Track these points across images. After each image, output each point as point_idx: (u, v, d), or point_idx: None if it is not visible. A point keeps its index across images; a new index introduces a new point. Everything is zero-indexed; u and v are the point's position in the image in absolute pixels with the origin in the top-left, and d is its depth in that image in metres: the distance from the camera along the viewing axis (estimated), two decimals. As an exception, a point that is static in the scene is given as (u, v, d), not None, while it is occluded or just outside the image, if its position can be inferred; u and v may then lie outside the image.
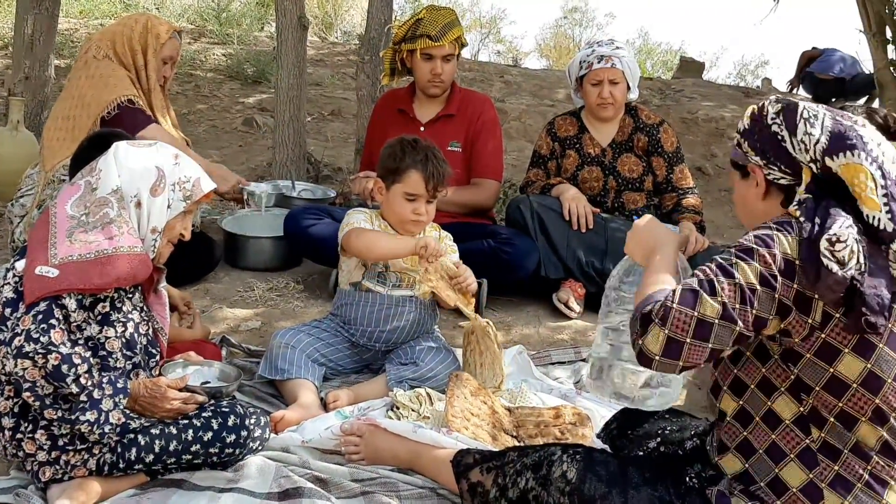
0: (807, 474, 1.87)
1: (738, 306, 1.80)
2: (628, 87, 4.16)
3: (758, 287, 1.80)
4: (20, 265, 2.32)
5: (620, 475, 1.99)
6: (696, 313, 1.80)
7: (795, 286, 1.81)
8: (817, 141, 1.88)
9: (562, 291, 4.00)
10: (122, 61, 3.93)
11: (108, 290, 2.33)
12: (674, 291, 1.84)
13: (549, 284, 4.03)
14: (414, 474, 2.51)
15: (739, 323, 1.80)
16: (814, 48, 9.44)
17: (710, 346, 1.80)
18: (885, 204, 1.84)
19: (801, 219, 1.85)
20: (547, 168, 4.30)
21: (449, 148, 4.16)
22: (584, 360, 3.49)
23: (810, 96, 8.97)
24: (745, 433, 1.94)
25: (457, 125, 4.21)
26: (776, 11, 7.23)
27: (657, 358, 1.82)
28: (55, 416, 2.26)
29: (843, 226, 1.80)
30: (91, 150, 2.56)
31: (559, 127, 4.32)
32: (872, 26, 6.11)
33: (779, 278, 1.80)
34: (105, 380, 2.29)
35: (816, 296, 1.80)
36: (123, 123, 3.76)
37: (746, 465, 1.94)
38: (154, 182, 2.43)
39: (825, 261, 1.77)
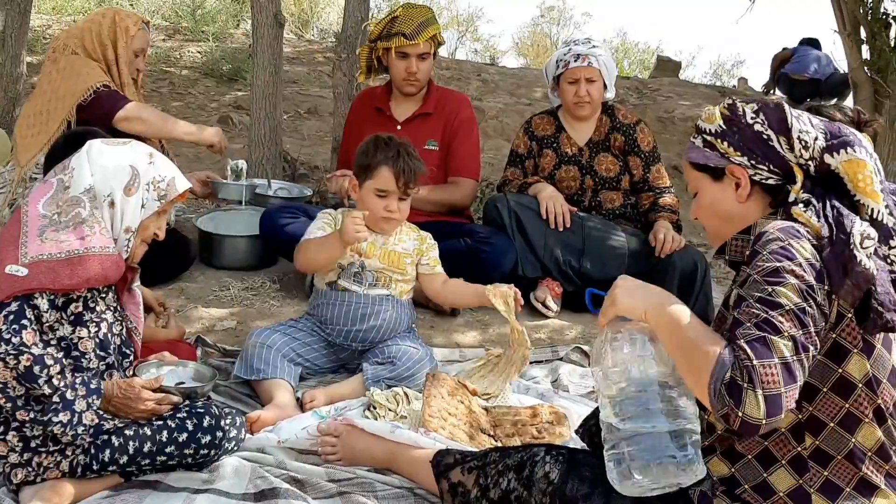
0: (796, 480, 1.85)
1: (801, 332, 1.68)
2: (605, 87, 4.17)
3: (805, 304, 1.69)
4: None
5: (603, 476, 1.98)
6: (776, 360, 1.64)
7: (826, 287, 1.74)
8: (815, 138, 1.86)
9: (539, 290, 4.00)
10: (91, 57, 3.90)
11: (78, 290, 2.31)
12: (740, 348, 1.67)
13: (527, 283, 4.03)
14: (391, 474, 2.50)
15: (811, 348, 1.69)
16: (784, 49, 9.48)
17: (797, 384, 1.66)
18: (883, 199, 1.84)
19: (814, 220, 1.79)
20: (524, 167, 4.30)
21: (426, 147, 4.15)
22: (560, 360, 3.49)
23: (786, 97, 9.02)
24: (734, 440, 1.90)
25: (434, 124, 4.20)
26: (752, 11, 7.28)
27: (764, 422, 1.63)
28: (27, 418, 2.23)
29: (864, 223, 1.78)
30: (66, 147, 2.53)
31: (536, 126, 4.32)
32: (847, 26, 6.16)
33: (815, 286, 1.72)
34: (78, 380, 2.27)
35: (835, 295, 1.75)
36: (102, 106, 3.75)
37: (733, 470, 1.91)
38: (128, 181, 2.39)
39: (859, 255, 1.72)
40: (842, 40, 6.46)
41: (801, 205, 1.84)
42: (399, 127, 4.19)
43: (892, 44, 5.95)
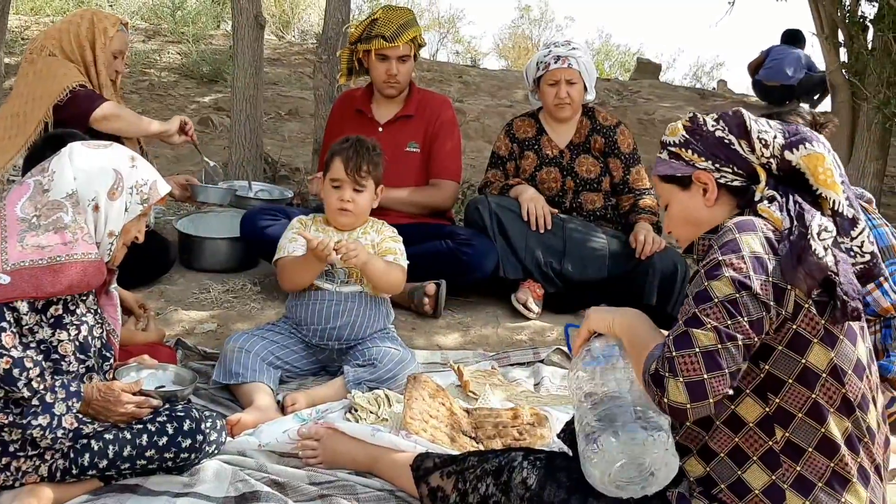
0: (769, 476, 1.88)
1: (729, 322, 1.79)
2: (585, 88, 4.18)
3: (736, 294, 1.80)
4: None
5: (581, 482, 1.99)
6: (696, 349, 1.79)
7: (772, 280, 1.82)
8: (774, 136, 1.95)
9: (520, 292, 4.00)
10: (69, 58, 3.88)
11: (58, 295, 2.29)
12: (666, 344, 1.83)
13: (508, 285, 4.04)
14: (372, 477, 2.50)
15: (739, 336, 1.79)
16: (761, 52, 9.43)
17: (726, 370, 1.79)
18: (843, 191, 1.91)
19: (777, 213, 1.88)
20: (505, 169, 4.31)
21: (407, 149, 4.16)
22: (541, 362, 3.50)
23: (764, 104, 9.02)
24: (706, 438, 1.94)
25: (415, 126, 4.20)
26: (731, 14, 7.32)
27: (689, 406, 1.78)
28: (6, 421, 2.21)
29: (823, 218, 1.87)
30: (45, 149, 2.52)
31: (518, 128, 4.33)
32: (824, 29, 6.21)
33: (753, 278, 1.81)
34: (58, 383, 2.25)
35: (789, 286, 1.82)
36: (78, 106, 3.73)
37: (708, 469, 1.94)
38: (112, 185, 2.38)
39: (814, 245, 1.81)
40: (819, 43, 6.52)
41: (765, 201, 1.92)
42: (381, 129, 4.18)
43: (870, 46, 6.00)
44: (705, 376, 1.78)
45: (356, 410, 2.88)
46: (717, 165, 1.99)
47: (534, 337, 3.80)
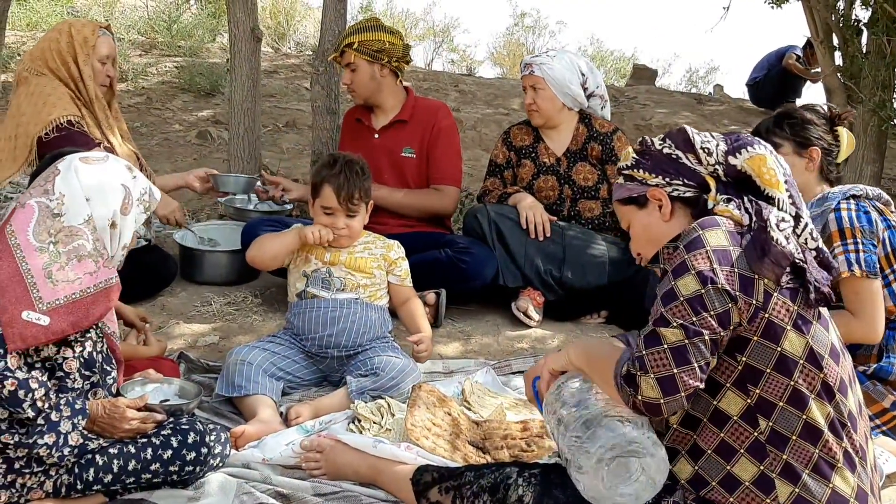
0: (757, 467, 1.92)
1: (695, 319, 1.86)
2: (565, 97, 4.17)
3: (702, 289, 1.87)
4: None
5: (576, 496, 2.00)
6: (665, 346, 1.86)
7: (737, 270, 1.89)
8: (717, 145, 2.06)
9: (521, 300, 4.01)
10: (58, 76, 3.80)
11: (92, 324, 2.33)
12: (637, 344, 1.91)
13: (508, 293, 4.05)
14: (376, 488, 2.50)
15: (705, 331, 1.86)
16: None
17: (695, 365, 1.86)
18: (787, 190, 2.01)
19: (736, 211, 1.96)
20: (503, 177, 4.32)
21: (403, 153, 4.20)
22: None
23: (762, 109, 8.98)
24: (694, 437, 1.98)
25: (410, 131, 4.22)
26: (725, 19, 7.35)
27: (662, 401, 1.86)
28: (11, 441, 2.23)
29: (779, 212, 1.96)
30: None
31: (514, 136, 4.35)
32: (819, 33, 6.23)
33: (718, 270, 1.87)
34: (62, 401, 2.26)
35: (757, 276, 1.89)
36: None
37: (697, 468, 1.97)
38: (123, 201, 2.43)
39: (775, 235, 1.90)
40: (815, 46, 6.53)
41: (721, 203, 2.00)
42: (376, 135, 4.24)
43: (864, 50, 6.02)
44: (675, 371, 1.85)
45: (359, 421, 2.89)
46: (668, 180, 2.08)
47: (535, 345, 3.80)
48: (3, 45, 5.67)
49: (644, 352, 1.88)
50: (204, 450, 2.47)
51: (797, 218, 2.00)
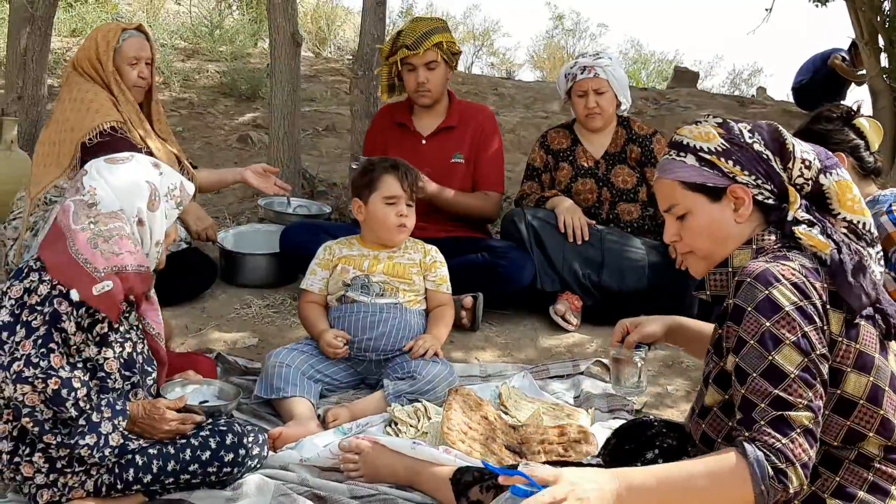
0: (808, 486, 1.85)
1: (810, 392, 1.70)
2: (617, 98, 4.17)
3: (806, 360, 1.70)
4: (17, 289, 2.31)
5: None
6: (799, 430, 1.67)
7: (818, 324, 1.75)
8: (812, 160, 1.91)
9: (559, 304, 3.99)
10: (94, 80, 3.85)
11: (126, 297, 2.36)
12: (765, 435, 1.67)
13: (546, 297, 4.03)
14: (413, 491, 2.51)
15: (821, 403, 1.71)
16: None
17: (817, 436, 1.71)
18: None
19: (822, 238, 1.83)
20: (541, 181, 4.31)
21: (452, 160, 4.18)
22: (581, 374, 3.48)
23: (805, 111, 8.86)
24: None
25: (458, 137, 4.21)
26: (768, 21, 7.27)
27: (807, 484, 1.69)
28: (54, 441, 2.26)
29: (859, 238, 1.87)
30: None
31: (552, 139, 4.33)
32: (865, 34, 6.14)
33: (808, 331, 1.72)
34: (104, 402, 2.29)
35: (852, 312, 1.77)
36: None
37: None
38: (149, 197, 2.44)
39: (871, 265, 1.81)
40: (860, 48, 6.44)
41: (803, 225, 1.85)
42: (424, 141, 4.21)
43: (910, 51, 5.93)
44: (811, 453, 1.68)
45: (396, 424, 2.89)
46: (758, 182, 1.91)
47: (573, 349, 3.78)
48: (49, 51, 5.75)
49: (783, 441, 1.65)
50: (242, 451, 2.49)
51: (872, 244, 1.90)
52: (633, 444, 2.31)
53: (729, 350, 1.81)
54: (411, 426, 2.86)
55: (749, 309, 1.74)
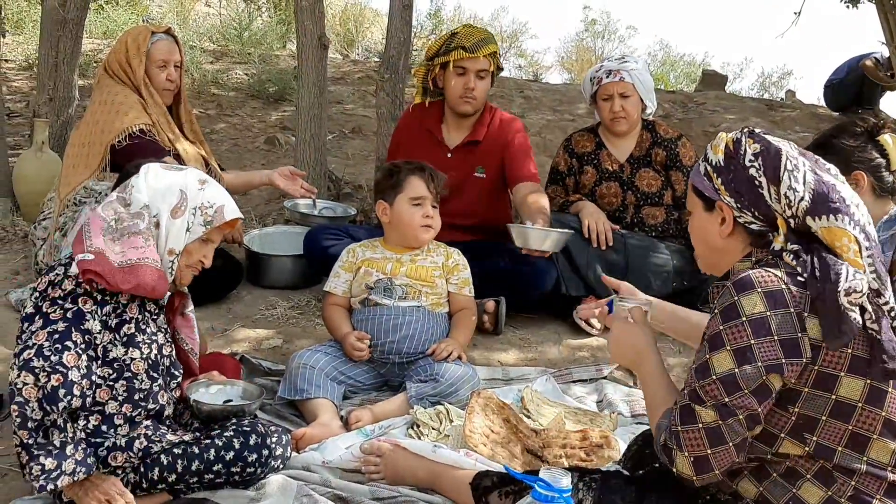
0: (825, 492, 1.86)
1: (727, 400, 1.80)
2: (643, 102, 4.16)
3: (735, 369, 1.79)
4: (43, 282, 2.35)
5: (637, 503, 1.99)
6: (700, 426, 1.83)
7: (777, 338, 1.78)
8: (801, 198, 1.87)
9: (583, 308, 3.97)
10: (125, 82, 3.90)
11: (132, 292, 2.35)
12: (673, 413, 1.88)
13: (570, 301, 4.02)
14: (434, 493, 2.52)
15: (739, 412, 1.80)
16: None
17: (730, 444, 1.83)
18: (871, 265, 1.85)
19: (804, 274, 1.81)
20: (565, 184, 4.31)
21: (475, 174, 4.18)
22: (604, 378, 3.48)
23: (836, 114, 8.76)
24: (763, 461, 1.93)
25: (483, 150, 4.17)
26: (797, 24, 7.21)
27: (695, 478, 1.85)
28: (25, 441, 2.19)
29: (852, 276, 1.80)
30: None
31: (576, 143, 4.33)
32: (893, 37, 6.08)
33: (754, 347, 1.78)
34: (83, 445, 2.24)
35: (800, 333, 1.78)
36: (135, 157, 3.76)
37: (761, 489, 1.93)
38: (175, 204, 2.44)
39: (848, 312, 1.77)
40: (889, 51, 6.38)
41: (790, 255, 1.85)
42: (449, 154, 4.18)
43: (941, 55, 5.86)
44: (709, 452, 1.82)
45: (418, 426, 2.90)
46: (739, 205, 1.93)
47: (596, 353, 3.78)
48: (80, 53, 5.82)
49: (679, 428, 1.85)
50: (265, 451, 2.51)
51: (878, 293, 1.85)
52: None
53: None
54: (433, 429, 2.88)
55: (716, 311, 1.86)
